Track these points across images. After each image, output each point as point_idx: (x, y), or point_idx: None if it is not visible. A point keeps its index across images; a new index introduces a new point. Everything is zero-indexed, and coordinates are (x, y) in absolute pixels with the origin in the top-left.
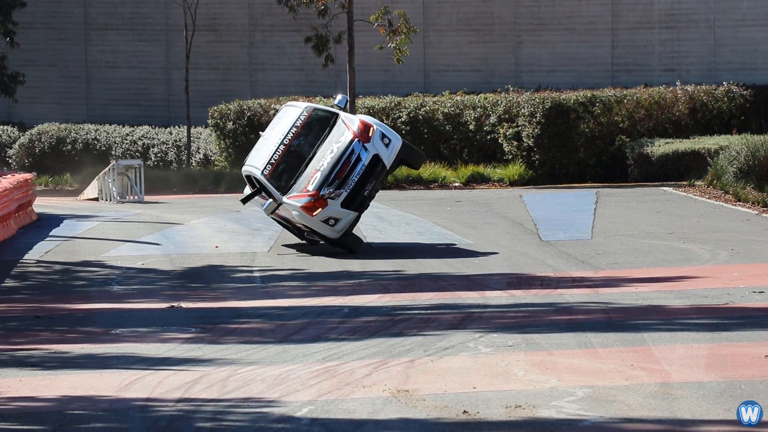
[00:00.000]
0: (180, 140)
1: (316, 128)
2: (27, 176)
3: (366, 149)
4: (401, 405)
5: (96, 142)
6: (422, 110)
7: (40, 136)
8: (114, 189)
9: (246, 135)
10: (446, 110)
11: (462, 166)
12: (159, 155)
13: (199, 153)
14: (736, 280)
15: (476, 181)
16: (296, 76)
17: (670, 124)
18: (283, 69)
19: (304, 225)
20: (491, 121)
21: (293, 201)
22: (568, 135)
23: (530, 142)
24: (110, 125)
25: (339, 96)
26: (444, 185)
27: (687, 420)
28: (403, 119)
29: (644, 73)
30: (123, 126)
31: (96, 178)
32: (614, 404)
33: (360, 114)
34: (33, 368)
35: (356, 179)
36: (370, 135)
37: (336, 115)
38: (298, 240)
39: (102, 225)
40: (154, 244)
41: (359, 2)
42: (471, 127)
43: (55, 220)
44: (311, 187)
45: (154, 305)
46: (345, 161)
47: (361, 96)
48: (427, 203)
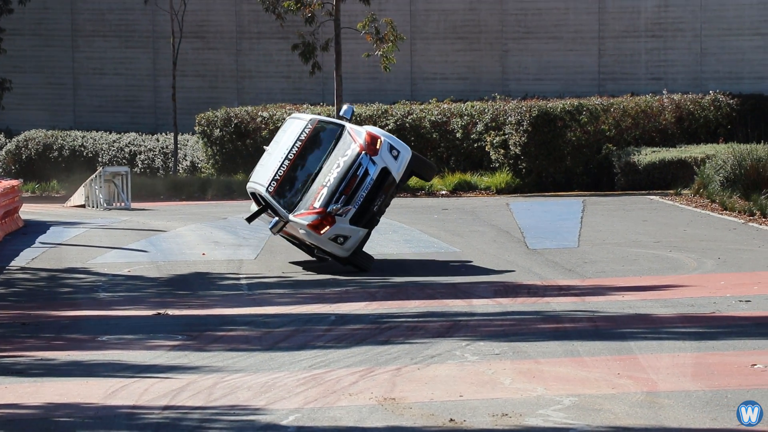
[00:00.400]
0: (167, 147)
1: (322, 141)
2: (14, 183)
3: (374, 162)
4: (388, 413)
5: (83, 149)
6: (409, 118)
7: (27, 143)
8: (101, 196)
9: (233, 142)
10: (433, 118)
11: (449, 174)
12: (146, 162)
13: (186, 160)
14: (723, 289)
15: (463, 189)
16: (283, 84)
17: (657, 133)
18: (270, 76)
19: (312, 243)
20: (478, 129)
21: (300, 219)
22: (555, 143)
23: (517, 150)
24: (97, 132)
25: (345, 106)
26: (431, 193)
27: (673, 429)
28: (390, 127)
29: (631, 82)
30: (110, 133)
31: (83, 185)
32: (601, 413)
33: (366, 125)
34: (19, 375)
35: (364, 194)
36: (378, 147)
37: (342, 127)
38: (308, 257)
39: (89, 232)
40: (141, 251)
41: (346, 10)
42: (458, 135)
43: (42, 227)
44: (318, 204)
45: (141, 312)
46: (352, 176)
47: (348, 104)
48: (414, 211)
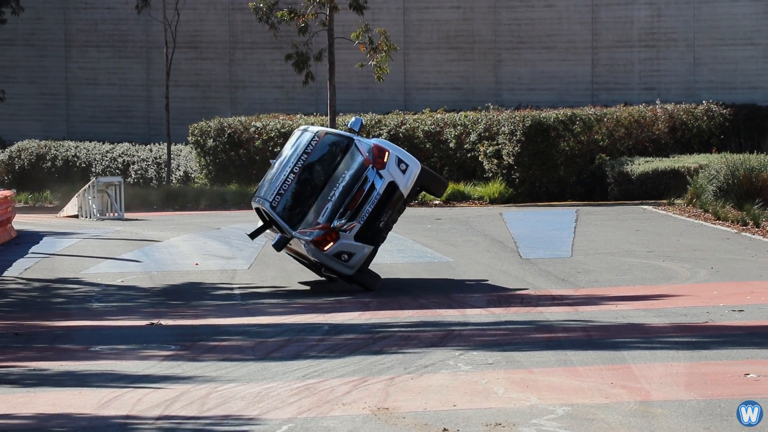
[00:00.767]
0: (160, 157)
1: (328, 154)
2: (6, 193)
3: (381, 176)
4: (381, 423)
5: (76, 159)
6: (402, 128)
7: (20, 153)
8: (94, 206)
9: (226, 152)
10: (426, 128)
11: None
12: (139, 172)
13: (180, 170)
14: (716, 299)
15: (456, 199)
16: (276, 94)
17: (650, 143)
18: (264, 86)
19: (317, 260)
20: (471, 139)
21: (303, 235)
22: (548, 153)
23: (510, 160)
24: (90, 142)
25: (353, 118)
26: (424, 203)
27: None
28: (384, 137)
29: (624, 92)
30: (103, 143)
31: (76, 195)
32: (594, 422)
33: (374, 138)
34: (11, 385)
35: (370, 209)
36: (385, 161)
37: (349, 140)
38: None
39: (82, 242)
40: (134, 261)
41: (340, 20)
42: (451, 145)
43: (35, 237)
44: (321, 219)
45: (134, 322)
46: (358, 190)
47: (342, 114)
48: (407, 221)
